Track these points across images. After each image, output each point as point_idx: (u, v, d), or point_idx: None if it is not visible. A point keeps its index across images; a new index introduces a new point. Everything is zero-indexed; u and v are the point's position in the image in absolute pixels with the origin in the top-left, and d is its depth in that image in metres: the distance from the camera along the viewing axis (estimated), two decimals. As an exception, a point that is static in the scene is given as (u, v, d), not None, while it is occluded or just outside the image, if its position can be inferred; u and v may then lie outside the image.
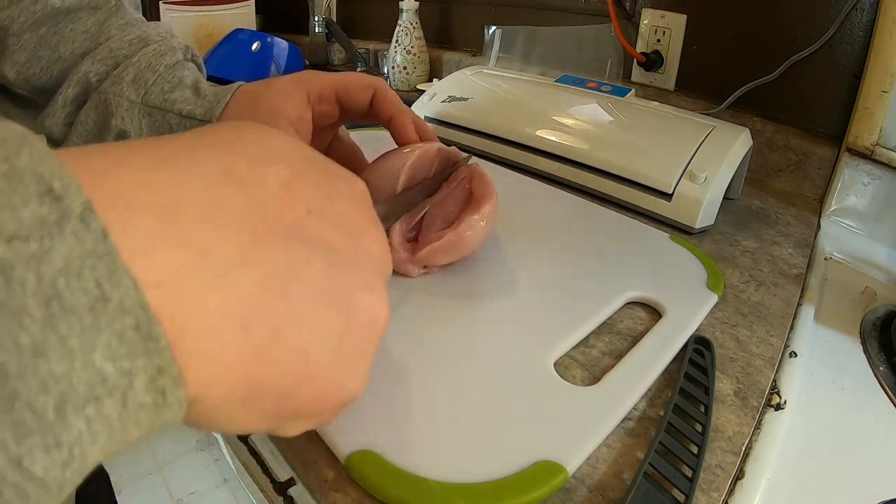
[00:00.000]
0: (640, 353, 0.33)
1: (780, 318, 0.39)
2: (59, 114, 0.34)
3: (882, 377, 0.36)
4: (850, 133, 0.57)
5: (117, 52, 0.34)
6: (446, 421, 0.27)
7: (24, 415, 0.10)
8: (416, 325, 0.33)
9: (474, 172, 0.38)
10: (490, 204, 0.37)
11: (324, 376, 0.16)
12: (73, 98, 0.34)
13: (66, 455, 0.11)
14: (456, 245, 0.36)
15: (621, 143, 0.56)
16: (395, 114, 0.36)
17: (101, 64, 0.34)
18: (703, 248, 0.48)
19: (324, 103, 0.36)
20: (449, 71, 0.94)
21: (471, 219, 0.36)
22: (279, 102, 0.34)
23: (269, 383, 0.15)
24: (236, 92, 0.35)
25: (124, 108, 0.34)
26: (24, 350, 0.10)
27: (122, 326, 0.11)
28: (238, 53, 1.10)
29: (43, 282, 0.10)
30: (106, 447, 0.12)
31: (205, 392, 0.14)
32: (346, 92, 0.36)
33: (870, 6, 0.55)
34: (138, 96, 0.34)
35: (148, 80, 0.34)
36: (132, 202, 0.13)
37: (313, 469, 0.26)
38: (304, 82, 0.35)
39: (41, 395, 0.10)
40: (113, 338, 0.11)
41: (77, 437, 0.11)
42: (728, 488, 0.26)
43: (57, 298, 0.10)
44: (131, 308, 0.11)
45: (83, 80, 0.34)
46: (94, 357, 0.11)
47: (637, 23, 0.76)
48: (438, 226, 0.37)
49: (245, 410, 0.15)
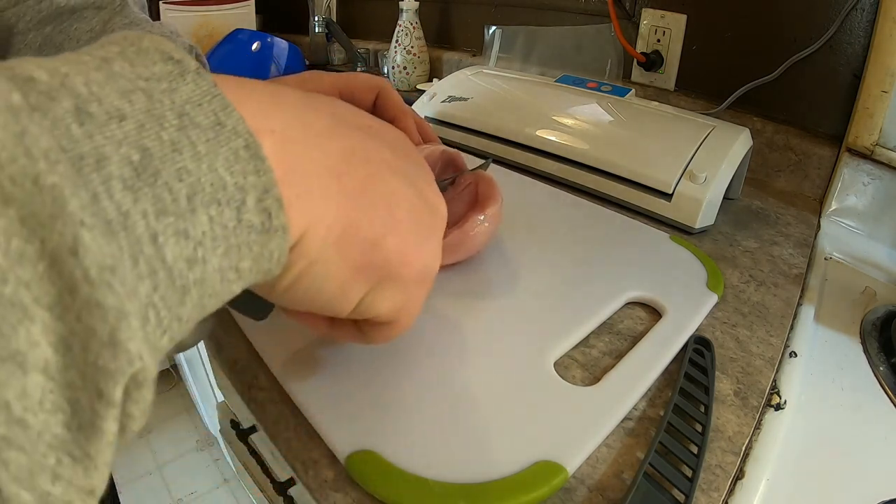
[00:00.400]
0: (640, 353, 0.33)
1: (780, 318, 0.39)
2: None
3: (882, 377, 0.36)
4: (850, 133, 0.57)
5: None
6: (446, 421, 0.27)
7: (163, 193, 0.12)
8: (416, 325, 0.33)
9: (481, 176, 0.39)
10: (495, 206, 0.37)
11: (403, 231, 0.20)
12: None
13: (192, 251, 0.13)
14: (461, 244, 0.36)
15: (621, 143, 0.56)
16: (398, 115, 0.37)
17: None
18: (703, 248, 0.48)
19: None
20: (449, 71, 0.94)
21: (476, 218, 0.36)
22: None
23: (359, 226, 0.18)
24: None
25: None
26: (164, 143, 0.12)
27: (236, 146, 0.14)
28: (238, 53, 1.10)
29: (175, 104, 0.13)
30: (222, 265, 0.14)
31: (307, 230, 0.16)
32: (351, 93, 0.36)
33: (870, 6, 0.55)
34: None
35: None
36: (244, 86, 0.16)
37: (313, 469, 0.26)
38: (307, 83, 0.35)
39: (177, 181, 0.12)
40: (230, 153, 0.14)
41: (201, 234, 0.13)
42: (728, 488, 0.26)
43: (187, 115, 0.13)
44: (242, 132, 0.14)
45: None
46: (217, 164, 0.13)
47: (637, 23, 0.76)
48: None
49: (339, 259, 0.18)
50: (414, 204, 0.20)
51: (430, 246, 0.21)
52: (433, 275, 0.22)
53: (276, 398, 0.29)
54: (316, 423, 0.27)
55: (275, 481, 0.42)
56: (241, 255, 0.14)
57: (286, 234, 0.15)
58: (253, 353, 0.32)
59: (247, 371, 0.31)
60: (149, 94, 0.13)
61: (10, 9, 0.34)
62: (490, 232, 0.37)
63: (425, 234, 0.21)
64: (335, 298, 0.19)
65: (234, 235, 0.14)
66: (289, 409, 0.29)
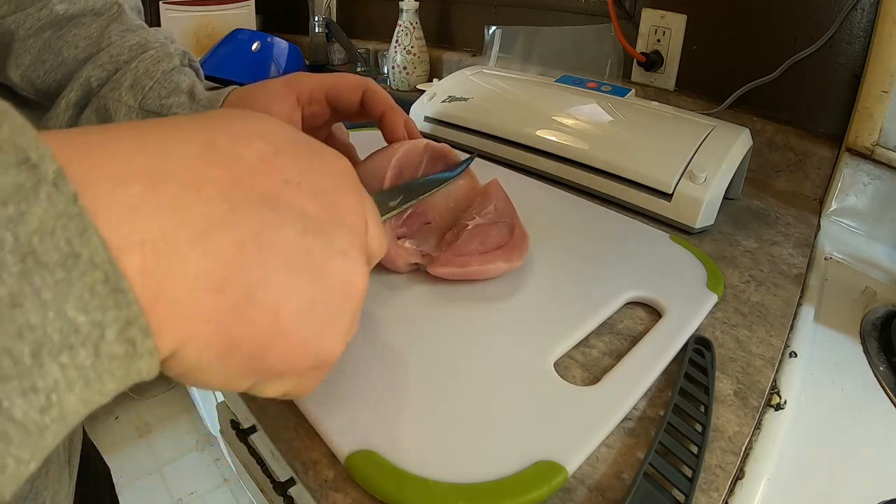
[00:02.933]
0: (640, 353, 0.33)
1: (780, 318, 0.39)
2: (61, 116, 0.35)
3: (882, 377, 0.36)
4: (850, 133, 0.57)
5: (117, 57, 0.35)
6: (446, 421, 0.27)
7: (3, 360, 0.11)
8: (416, 325, 0.33)
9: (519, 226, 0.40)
10: (521, 261, 0.38)
11: (293, 336, 0.17)
12: (74, 102, 0.35)
13: (44, 400, 0.12)
14: (474, 276, 0.37)
15: (621, 143, 0.56)
16: (386, 111, 0.37)
17: (102, 69, 0.35)
18: (703, 248, 0.48)
19: (314, 104, 0.37)
20: (449, 71, 0.94)
21: (501, 264, 0.37)
22: (269, 104, 0.35)
23: (242, 341, 0.16)
24: (229, 95, 0.36)
25: (122, 113, 0.35)
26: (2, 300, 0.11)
27: (92, 280, 0.12)
28: (238, 53, 1.10)
29: (19, 241, 0.11)
30: (83, 396, 0.12)
31: (182, 347, 0.15)
32: (336, 93, 0.36)
33: (870, 6, 0.55)
34: (136, 101, 0.35)
35: (145, 86, 0.35)
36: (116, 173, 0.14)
37: (313, 469, 0.26)
38: (294, 84, 0.36)
39: (18, 341, 0.11)
40: (84, 291, 0.12)
41: (53, 383, 0.12)
42: (728, 488, 0.26)
43: (32, 255, 0.11)
44: (101, 263, 0.12)
45: (85, 85, 0.35)
46: (66, 308, 0.12)
47: (637, 23, 0.76)
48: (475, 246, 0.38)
49: (223, 367, 0.17)
50: (312, 298, 0.18)
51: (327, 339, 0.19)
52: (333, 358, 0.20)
53: (276, 398, 0.29)
54: (316, 423, 0.27)
55: (275, 481, 0.42)
56: (103, 382, 0.13)
57: (155, 356, 0.14)
58: (253, 353, 0.32)
59: (247, 371, 0.31)
60: None
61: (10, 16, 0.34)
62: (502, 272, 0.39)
63: (323, 327, 0.19)
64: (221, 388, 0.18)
65: (94, 370, 0.13)
66: (289, 409, 0.29)
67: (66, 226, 0.12)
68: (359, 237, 0.20)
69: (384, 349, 0.31)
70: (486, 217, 0.39)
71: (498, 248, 0.38)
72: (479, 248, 0.37)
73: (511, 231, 0.39)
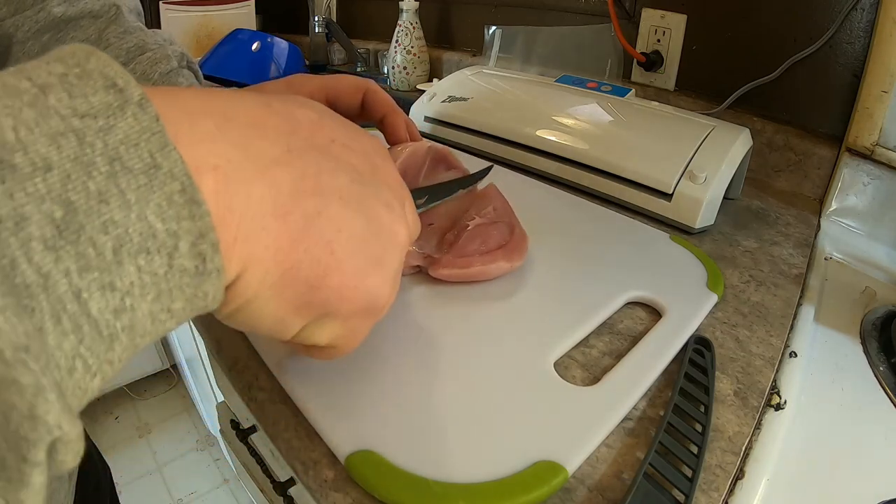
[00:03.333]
0: (640, 353, 0.33)
1: (780, 318, 0.39)
2: None
3: (882, 377, 0.36)
4: (850, 133, 0.57)
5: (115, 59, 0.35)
6: (446, 421, 0.27)
7: (87, 249, 0.12)
8: (415, 325, 0.33)
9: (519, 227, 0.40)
10: (522, 260, 0.39)
11: (346, 269, 0.19)
12: None
13: (119, 301, 0.12)
14: (476, 276, 0.37)
15: (621, 143, 0.56)
16: (387, 113, 0.37)
17: None
18: (703, 248, 0.48)
19: None
20: (449, 71, 0.94)
21: (503, 264, 0.37)
22: None
23: (299, 269, 0.17)
24: None
25: None
26: (91, 194, 0.12)
27: (170, 190, 0.13)
28: (238, 53, 1.10)
29: (108, 147, 0.12)
30: (154, 309, 0.13)
31: (245, 271, 0.16)
32: (336, 95, 0.36)
33: (870, 6, 0.55)
34: None
35: None
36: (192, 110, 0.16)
37: (313, 469, 0.26)
38: (294, 87, 0.36)
39: (102, 234, 0.12)
40: (163, 199, 0.13)
41: (129, 285, 0.13)
42: (728, 488, 0.26)
43: (119, 160, 0.13)
44: (179, 175, 0.13)
45: None
46: (147, 212, 0.13)
47: (637, 23, 0.76)
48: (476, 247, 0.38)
49: (277, 299, 0.18)
50: (362, 236, 0.19)
51: (377, 278, 0.20)
52: (382, 304, 0.21)
53: (276, 398, 0.29)
54: (316, 423, 0.27)
55: (275, 481, 0.42)
56: (172, 297, 0.14)
57: (221, 276, 0.15)
58: (253, 353, 0.32)
59: (247, 371, 0.31)
60: (81, 137, 0.12)
61: (9, 19, 0.35)
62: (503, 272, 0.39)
63: (372, 266, 0.20)
64: (273, 329, 0.19)
65: (165, 281, 0.13)
66: (289, 409, 0.29)
67: (149, 139, 0.13)
68: (400, 197, 0.22)
69: (384, 349, 0.31)
70: (486, 217, 0.39)
71: (499, 248, 0.38)
72: (480, 249, 0.38)
73: (511, 230, 0.39)
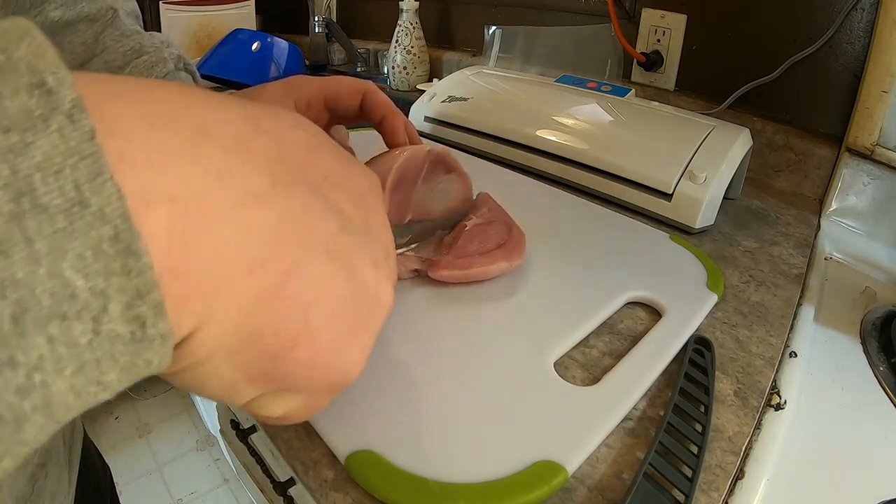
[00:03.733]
0: (640, 353, 0.33)
1: (780, 318, 0.39)
2: None
3: (882, 377, 0.36)
4: (850, 133, 0.57)
5: (112, 63, 0.35)
6: (446, 421, 0.27)
7: None
8: (415, 326, 0.33)
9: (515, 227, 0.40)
10: (521, 259, 0.39)
11: (319, 341, 0.15)
12: None
13: (23, 379, 0.10)
14: (477, 277, 0.37)
15: (621, 143, 0.56)
16: (386, 115, 0.36)
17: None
18: (703, 248, 0.48)
19: (312, 109, 0.36)
20: (449, 71, 0.94)
21: (502, 264, 0.37)
22: None
23: (263, 336, 0.14)
24: None
25: None
26: None
27: (98, 236, 0.10)
28: (238, 53, 1.10)
29: (17, 175, 0.09)
30: (76, 384, 0.10)
31: (199, 331, 0.13)
32: (335, 97, 0.36)
33: (870, 6, 0.55)
34: None
35: None
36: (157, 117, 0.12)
37: (313, 469, 0.26)
38: (292, 89, 0.35)
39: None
40: (87, 248, 0.10)
41: (37, 359, 0.10)
42: (728, 488, 0.26)
43: (30, 194, 0.09)
44: (111, 216, 0.10)
45: None
46: (62, 266, 0.10)
47: (637, 23, 0.76)
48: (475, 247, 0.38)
49: (232, 365, 0.14)
50: (345, 299, 0.16)
51: (354, 352, 0.17)
52: (353, 379, 0.17)
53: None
54: (316, 423, 0.27)
55: (275, 481, 0.42)
56: (101, 369, 0.11)
57: (167, 342, 0.12)
58: (253, 353, 0.32)
59: (247, 371, 0.31)
60: None
61: None
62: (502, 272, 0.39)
63: (350, 335, 0.16)
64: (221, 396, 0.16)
65: (91, 351, 0.10)
66: (289, 409, 0.29)
67: (76, 166, 0.10)
68: (388, 253, 0.19)
69: (384, 349, 0.31)
70: (483, 217, 0.39)
71: (498, 248, 0.38)
72: (478, 249, 0.37)
73: (509, 230, 0.39)
